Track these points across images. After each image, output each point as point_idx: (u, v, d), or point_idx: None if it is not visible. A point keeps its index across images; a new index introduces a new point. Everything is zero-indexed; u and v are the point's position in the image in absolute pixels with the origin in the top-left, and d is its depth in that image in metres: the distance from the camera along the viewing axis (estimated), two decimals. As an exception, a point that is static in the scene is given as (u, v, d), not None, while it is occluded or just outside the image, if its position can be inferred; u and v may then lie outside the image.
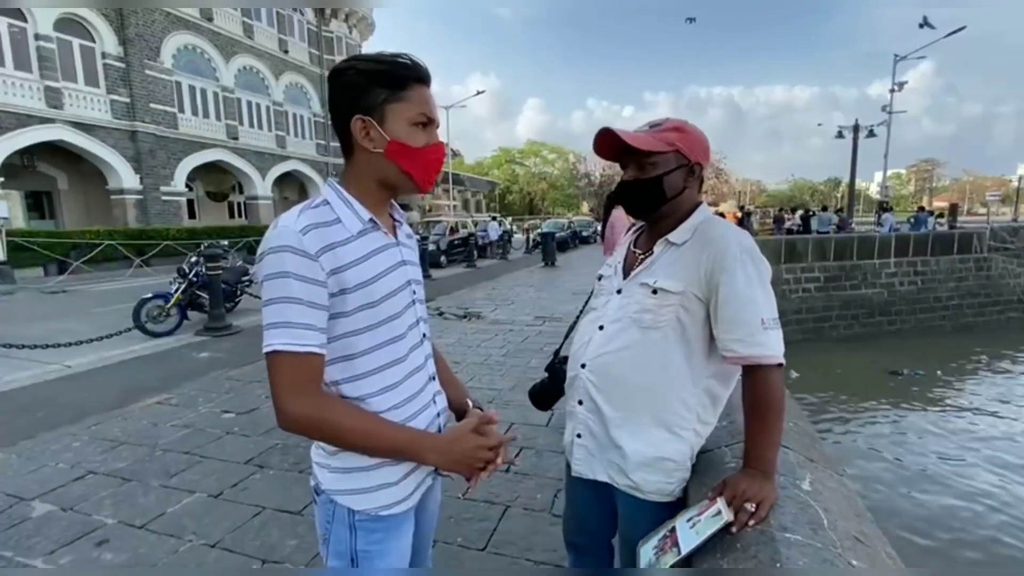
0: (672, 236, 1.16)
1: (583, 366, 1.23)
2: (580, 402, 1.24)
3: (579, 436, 1.26)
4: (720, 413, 1.22)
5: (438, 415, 1.05)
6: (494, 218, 23.11)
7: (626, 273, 1.24)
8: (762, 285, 1.06)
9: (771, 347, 1.03)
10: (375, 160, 0.91)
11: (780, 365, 1.05)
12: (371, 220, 0.92)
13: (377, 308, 0.91)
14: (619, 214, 4.03)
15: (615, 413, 1.18)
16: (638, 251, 1.24)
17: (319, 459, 0.98)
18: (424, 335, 1.04)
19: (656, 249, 1.18)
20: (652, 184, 1.15)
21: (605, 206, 4.50)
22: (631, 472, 1.16)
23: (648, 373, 1.14)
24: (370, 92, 0.88)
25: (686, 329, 1.12)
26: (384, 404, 0.93)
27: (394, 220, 1.01)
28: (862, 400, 8.46)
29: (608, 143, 1.18)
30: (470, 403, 1.14)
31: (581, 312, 1.42)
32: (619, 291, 1.23)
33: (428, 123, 0.92)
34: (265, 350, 0.84)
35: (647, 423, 1.15)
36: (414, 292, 1.00)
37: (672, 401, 1.14)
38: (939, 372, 9.88)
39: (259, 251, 0.85)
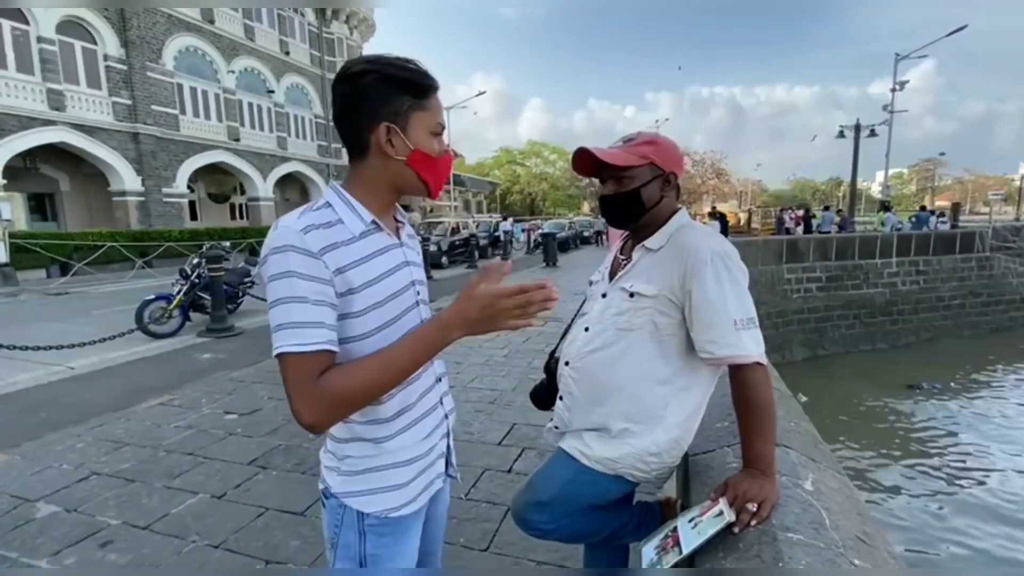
0: (648, 242, 1.22)
1: (567, 364, 1.32)
2: (561, 398, 1.33)
3: (556, 428, 1.36)
4: (701, 416, 1.26)
5: (446, 416, 1.06)
6: (505, 218, 24.99)
7: (611, 278, 1.31)
8: (734, 287, 1.09)
9: (745, 347, 1.06)
10: (394, 166, 0.89)
11: (760, 364, 1.08)
12: (373, 222, 0.90)
13: (384, 308, 0.89)
14: None
15: (591, 409, 1.25)
16: (622, 257, 1.32)
17: (328, 463, 0.96)
18: None
19: (635, 255, 1.25)
20: (630, 197, 1.21)
21: None
22: (587, 441, 1.25)
23: (622, 372, 1.20)
24: (396, 99, 0.86)
25: (661, 332, 1.17)
26: (391, 409, 0.93)
27: (397, 222, 0.99)
28: (880, 423, 8.13)
29: (585, 161, 1.24)
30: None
31: (576, 315, 1.49)
32: (604, 295, 1.30)
33: (441, 132, 0.93)
34: (274, 353, 0.80)
35: (619, 421, 1.21)
36: (418, 293, 0.99)
37: (644, 400, 1.19)
38: (952, 384, 9.68)
39: (262, 254, 0.83)
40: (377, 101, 0.85)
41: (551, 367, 1.62)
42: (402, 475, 0.95)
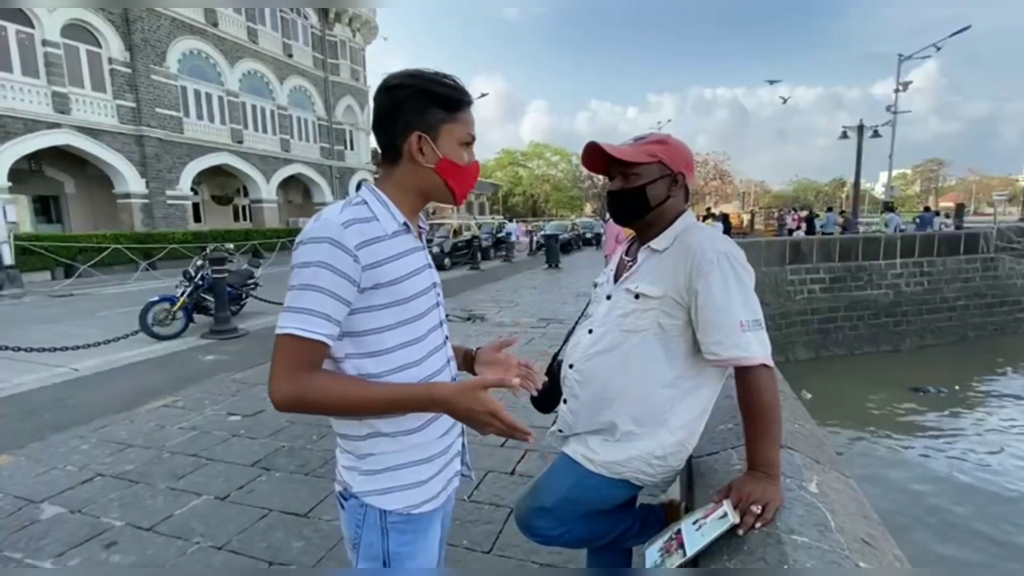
0: (654, 243, 1.22)
1: (571, 367, 1.31)
2: (565, 400, 1.33)
3: (560, 431, 1.35)
4: (706, 418, 1.26)
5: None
6: (511, 220, 24.71)
7: (617, 280, 1.30)
8: (740, 288, 1.09)
9: (750, 349, 1.06)
10: (424, 173, 0.95)
11: (766, 366, 1.07)
12: (404, 223, 0.95)
13: (407, 305, 0.93)
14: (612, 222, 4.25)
15: (595, 412, 1.24)
16: (628, 259, 1.31)
17: (347, 462, 0.98)
18: (446, 337, 1.07)
19: (640, 256, 1.24)
20: (636, 193, 1.21)
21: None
22: (591, 445, 1.25)
23: (627, 374, 1.19)
24: (429, 111, 0.92)
25: (667, 333, 1.16)
26: None
27: (420, 226, 1.04)
28: (885, 425, 8.01)
29: (596, 156, 1.24)
30: (475, 349, 1.19)
31: (579, 317, 1.48)
32: (608, 297, 1.29)
33: (471, 143, 0.99)
34: (277, 331, 0.85)
35: (624, 423, 1.20)
36: (438, 294, 1.04)
37: (649, 402, 1.19)
38: (957, 387, 9.56)
39: (298, 239, 0.87)
40: (412, 112, 0.92)
41: (554, 370, 1.63)
42: (423, 472, 0.97)
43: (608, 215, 4.64)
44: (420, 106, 0.92)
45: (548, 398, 1.60)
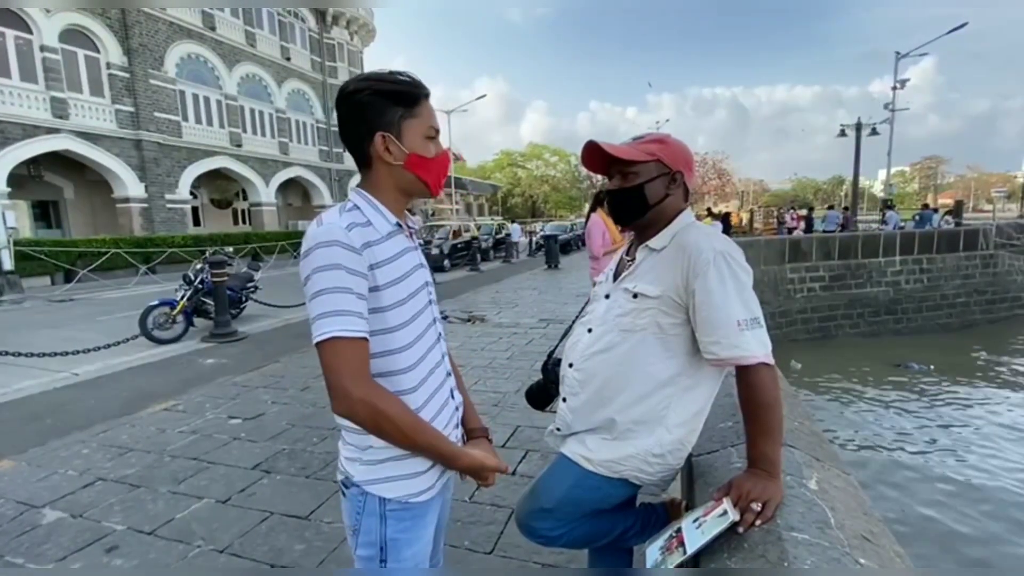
0: (652, 242, 1.22)
1: (570, 366, 1.31)
2: (564, 399, 1.33)
3: (558, 429, 1.35)
4: (705, 416, 1.26)
5: (456, 409, 1.12)
6: (512, 221, 25.76)
7: (616, 279, 1.30)
8: (737, 287, 1.08)
9: (749, 348, 1.05)
10: (395, 171, 0.98)
11: (766, 364, 1.06)
12: (397, 224, 0.98)
13: (405, 306, 0.97)
14: (595, 219, 4.08)
15: (595, 410, 1.24)
16: (627, 258, 1.31)
17: (349, 454, 1.01)
18: (440, 335, 1.09)
19: (638, 256, 1.24)
20: (634, 192, 1.21)
21: (588, 210, 4.44)
22: (589, 445, 1.25)
23: (627, 373, 1.19)
24: (388, 110, 0.94)
25: (665, 332, 1.16)
26: (414, 402, 0.98)
27: (408, 227, 1.06)
28: (867, 396, 8.46)
29: (595, 155, 1.24)
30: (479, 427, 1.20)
31: (578, 316, 1.49)
32: (607, 296, 1.29)
33: (435, 135, 1.00)
34: (320, 338, 0.86)
35: (622, 421, 1.21)
36: (430, 293, 1.07)
37: (648, 401, 1.19)
38: (932, 366, 9.95)
39: (305, 247, 0.89)
40: (372, 115, 0.94)
41: (548, 368, 1.63)
42: (422, 463, 1.00)
43: (588, 212, 4.49)
44: (379, 107, 0.94)
45: (541, 395, 1.61)
